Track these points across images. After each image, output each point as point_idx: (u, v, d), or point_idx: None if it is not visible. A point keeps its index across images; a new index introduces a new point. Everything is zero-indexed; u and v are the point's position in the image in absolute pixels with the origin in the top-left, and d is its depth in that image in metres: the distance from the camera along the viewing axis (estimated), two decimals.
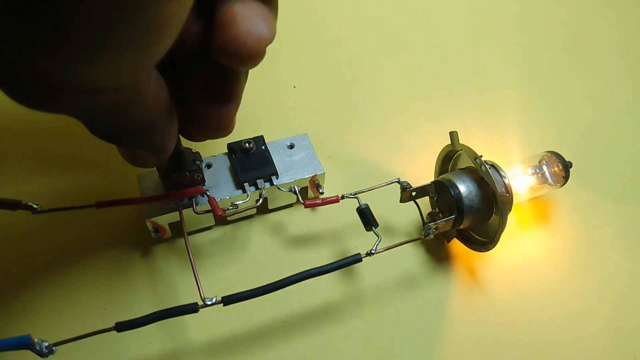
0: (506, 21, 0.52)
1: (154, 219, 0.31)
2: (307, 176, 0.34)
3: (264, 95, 0.43)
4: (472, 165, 0.32)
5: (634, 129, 0.44)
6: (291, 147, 0.36)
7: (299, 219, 0.36)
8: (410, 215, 0.37)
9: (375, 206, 0.32)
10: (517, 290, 0.35)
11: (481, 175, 0.31)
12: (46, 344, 0.22)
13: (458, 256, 0.35)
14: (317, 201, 0.32)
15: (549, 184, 0.36)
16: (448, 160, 0.35)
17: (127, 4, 0.13)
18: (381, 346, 0.32)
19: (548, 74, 0.48)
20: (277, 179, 0.34)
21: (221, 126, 0.23)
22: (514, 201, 0.33)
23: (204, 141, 0.26)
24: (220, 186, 0.33)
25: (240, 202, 0.31)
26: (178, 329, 0.31)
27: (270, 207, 0.36)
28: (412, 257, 0.35)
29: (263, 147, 0.34)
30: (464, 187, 0.32)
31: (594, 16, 0.53)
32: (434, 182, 0.33)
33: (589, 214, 0.39)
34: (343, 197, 0.32)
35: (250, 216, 0.36)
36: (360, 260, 0.29)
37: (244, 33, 0.19)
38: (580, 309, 0.34)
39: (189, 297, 0.32)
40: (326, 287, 0.33)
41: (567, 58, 0.49)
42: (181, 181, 0.31)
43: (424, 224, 0.32)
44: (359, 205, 0.31)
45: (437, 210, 0.33)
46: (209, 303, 0.25)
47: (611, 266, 0.36)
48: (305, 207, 0.32)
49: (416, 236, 0.34)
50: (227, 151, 0.34)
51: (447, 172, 0.35)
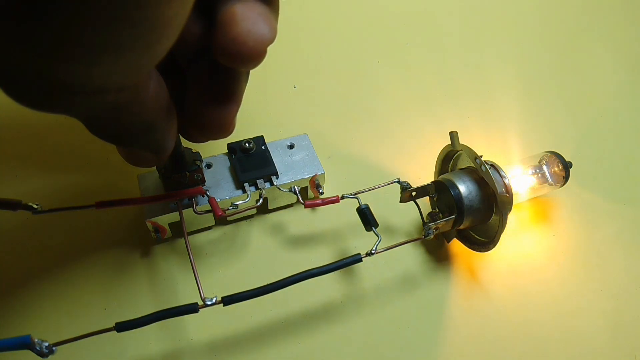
0: (506, 21, 0.52)
1: (154, 219, 0.31)
2: (307, 176, 0.34)
3: (264, 95, 0.43)
4: (472, 165, 0.32)
5: (634, 129, 0.44)
6: (291, 147, 0.36)
7: (299, 219, 0.36)
8: (410, 215, 0.37)
9: (375, 206, 0.32)
10: (517, 290, 0.35)
11: (481, 175, 0.31)
12: (46, 344, 0.22)
13: (458, 256, 0.35)
14: (317, 201, 0.32)
15: (549, 184, 0.36)
16: (448, 160, 0.35)
17: (128, 4, 0.13)
18: (381, 346, 0.32)
19: (548, 74, 0.48)
20: (277, 179, 0.34)
21: (222, 127, 0.23)
22: (514, 201, 0.33)
23: (204, 142, 0.26)
24: (220, 186, 0.33)
25: (240, 202, 0.31)
26: (178, 329, 0.31)
27: (270, 207, 0.36)
28: (412, 257, 0.35)
29: (263, 147, 0.34)
30: (464, 187, 0.32)
31: (594, 16, 0.53)
32: (434, 182, 0.33)
33: (589, 214, 0.39)
34: (343, 197, 0.32)
35: (250, 216, 0.36)
36: (360, 260, 0.29)
37: (245, 33, 0.19)
38: (580, 309, 0.34)
39: (189, 297, 0.32)
40: (326, 287, 0.33)
41: (567, 58, 0.49)
42: (181, 181, 0.31)
43: (424, 224, 0.32)
44: (359, 205, 0.31)
45: (437, 210, 0.33)
46: (209, 303, 0.25)
47: (611, 266, 0.36)
48: (305, 207, 0.32)
49: (416, 236, 0.34)
50: (227, 151, 0.34)
51: (447, 172, 0.35)
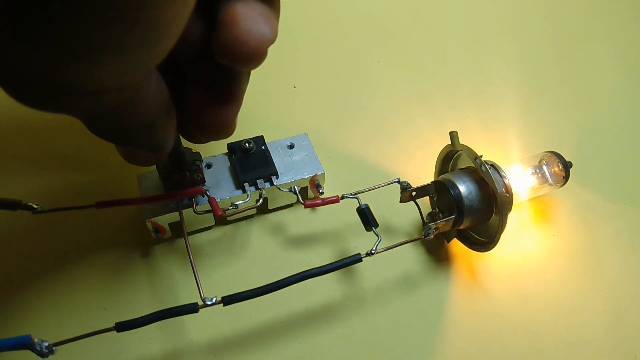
0: (506, 21, 0.52)
1: (154, 219, 0.31)
2: (307, 176, 0.34)
3: (264, 95, 0.43)
4: (472, 165, 0.32)
5: (634, 129, 0.44)
6: (291, 147, 0.36)
7: (299, 219, 0.36)
8: (410, 215, 0.37)
9: (375, 206, 0.32)
10: (517, 290, 0.35)
11: (481, 175, 0.31)
12: (46, 344, 0.22)
13: (458, 256, 0.35)
14: (317, 201, 0.32)
15: (549, 184, 0.36)
16: (448, 160, 0.35)
17: (131, 4, 0.13)
18: (381, 346, 0.32)
19: (548, 74, 0.48)
20: (277, 179, 0.34)
21: (223, 127, 0.23)
22: (514, 201, 0.33)
23: (206, 143, 0.26)
24: (220, 186, 0.33)
25: (240, 202, 0.31)
26: (178, 329, 0.31)
27: (270, 207, 0.36)
28: (412, 257, 0.35)
29: (263, 147, 0.34)
30: (464, 187, 0.32)
31: (594, 16, 0.53)
32: (434, 182, 0.33)
33: (589, 214, 0.39)
34: (343, 197, 0.32)
35: (250, 216, 0.36)
36: (360, 260, 0.29)
37: (246, 33, 0.19)
38: (581, 309, 0.34)
39: (189, 297, 0.31)
40: (326, 287, 0.33)
41: (567, 58, 0.49)
42: (181, 181, 0.31)
43: (424, 224, 0.32)
44: (359, 205, 0.31)
45: (437, 210, 0.33)
46: (209, 303, 0.25)
47: (611, 266, 0.36)
48: (305, 207, 0.32)
49: (416, 236, 0.34)
50: (227, 151, 0.34)
51: (447, 172, 0.35)
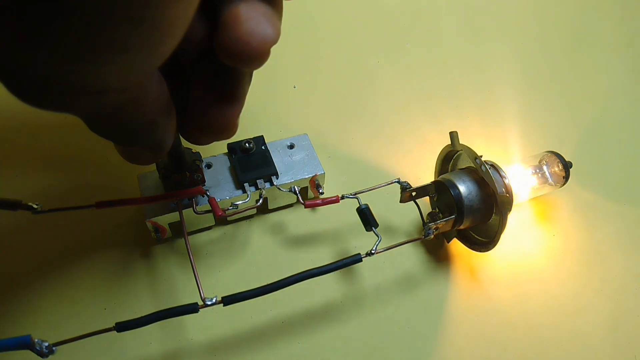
0: (506, 21, 0.52)
1: (154, 219, 0.31)
2: (307, 176, 0.34)
3: (264, 95, 0.43)
4: (472, 165, 0.32)
5: (634, 129, 0.44)
6: (291, 147, 0.36)
7: (299, 219, 0.36)
8: (410, 215, 0.37)
9: (375, 206, 0.32)
10: (517, 290, 0.35)
11: (481, 175, 0.31)
12: (46, 344, 0.22)
13: (458, 256, 0.35)
14: (317, 201, 0.32)
15: (549, 184, 0.36)
16: (448, 160, 0.35)
17: (135, 4, 0.13)
18: (381, 346, 0.32)
19: (548, 74, 0.48)
20: (277, 179, 0.34)
21: (225, 127, 0.23)
22: (514, 201, 0.33)
23: (207, 144, 0.26)
24: (220, 186, 0.33)
25: (240, 202, 0.31)
26: (178, 329, 0.31)
27: (270, 207, 0.36)
28: (412, 257, 0.35)
29: (263, 147, 0.34)
30: (464, 187, 0.32)
31: (594, 16, 0.53)
32: (434, 182, 0.33)
33: (589, 214, 0.39)
34: (343, 197, 0.32)
35: (250, 216, 0.36)
36: (360, 260, 0.29)
37: (248, 33, 0.19)
38: (581, 309, 0.34)
39: (189, 297, 0.31)
40: (326, 287, 0.33)
41: (567, 58, 0.49)
42: (181, 181, 0.31)
43: (424, 224, 0.32)
44: (359, 205, 0.31)
45: (437, 210, 0.33)
46: (209, 303, 0.25)
47: (611, 266, 0.36)
48: (305, 207, 0.32)
49: (416, 236, 0.34)
50: (227, 151, 0.34)
51: (447, 172, 0.35)
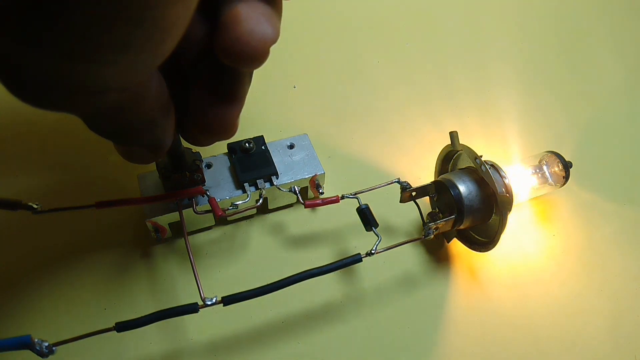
0: (506, 21, 0.52)
1: (154, 219, 0.31)
2: (307, 176, 0.34)
3: (264, 95, 0.43)
4: (472, 165, 0.32)
5: (634, 129, 0.44)
6: (291, 147, 0.36)
7: (299, 219, 0.36)
8: (410, 215, 0.37)
9: (375, 206, 0.32)
10: (517, 290, 0.35)
11: (481, 175, 0.31)
12: (46, 344, 0.22)
13: (458, 256, 0.35)
14: (317, 201, 0.32)
15: (549, 184, 0.36)
16: (448, 160, 0.35)
17: (134, 5, 0.13)
18: (381, 346, 0.32)
19: (548, 74, 0.48)
20: (277, 179, 0.34)
21: (225, 128, 0.23)
22: (514, 201, 0.33)
23: (208, 145, 0.26)
24: (220, 186, 0.33)
25: (240, 202, 0.31)
26: (178, 329, 0.31)
27: (270, 207, 0.36)
28: (412, 257, 0.35)
29: (263, 147, 0.34)
30: (464, 187, 0.32)
31: (594, 16, 0.53)
32: (434, 182, 0.33)
33: (589, 214, 0.39)
34: (343, 197, 0.32)
35: (250, 216, 0.36)
36: (360, 260, 0.29)
37: (248, 33, 0.19)
38: (580, 309, 0.34)
39: (189, 297, 0.31)
40: (326, 287, 0.33)
41: (567, 58, 0.49)
42: (181, 181, 0.31)
43: (424, 224, 0.32)
44: (359, 205, 0.31)
45: (437, 210, 0.33)
46: (209, 303, 0.25)
47: (611, 266, 0.36)
48: (305, 207, 0.32)
49: (416, 236, 0.34)
50: (227, 151, 0.34)
51: (447, 172, 0.35)
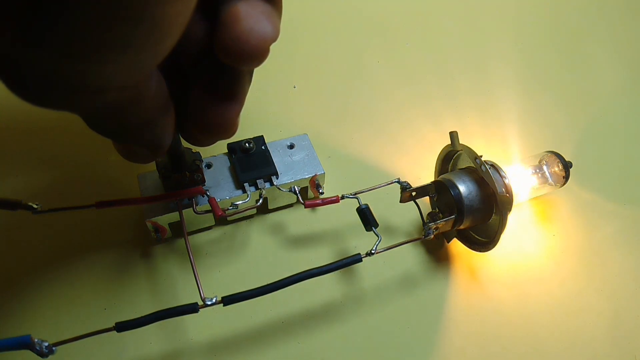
0: (506, 21, 0.52)
1: (154, 219, 0.31)
2: (307, 176, 0.34)
3: (264, 95, 0.43)
4: (472, 165, 0.32)
5: (634, 129, 0.44)
6: (291, 147, 0.36)
7: (299, 219, 0.36)
8: (410, 215, 0.37)
9: (375, 206, 0.32)
10: (516, 290, 0.35)
11: (481, 175, 0.31)
12: (46, 344, 0.22)
13: (458, 256, 0.35)
14: (317, 201, 0.32)
15: (549, 184, 0.36)
16: (448, 160, 0.35)
17: (133, 3, 0.13)
18: (381, 346, 0.32)
19: (548, 74, 0.48)
20: (277, 179, 0.34)
21: (225, 127, 0.23)
22: (514, 201, 0.33)
23: (208, 145, 0.26)
24: (220, 186, 0.33)
25: (240, 202, 0.31)
26: (178, 329, 0.31)
27: (270, 207, 0.36)
28: (412, 257, 0.35)
29: (263, 147, 0.34)
30: (464, 187, 0.32)
31: (594, 16, 0.53)
32: (434, 182, 0.33)
33: (589, 214, 0.39)
34: (343, 197, 0.32)
35: (250, 216, 0.36)
36: (360, 260, 0.29)
37: (248, 31, 0.19)
38: (580, 309, 0.34)
39: (189, 297, 0.31)
40: (326, 287, 0.33)
41: (567, 58, 0.49)
42: (181, 181, 0.31)
43: (424, 224, 0.32)
44: (359, 205, 0.31)
45: (437, 210, 0.33)
46: (209, 303, 0.25)
47: (611, 266, 0.36)
48: (305, 207, 0.32)
49: (416, 236, 0.34)
50: (227, 151, 0.34)
51: (447, 172, 0.35)
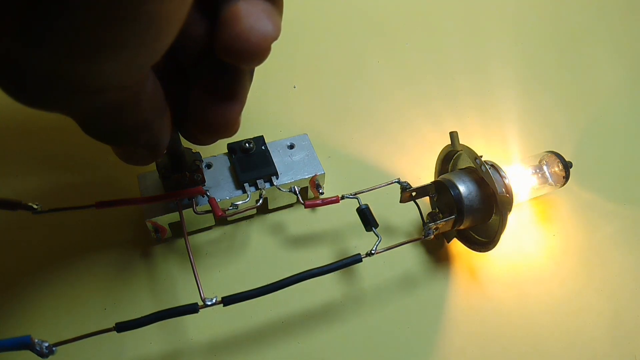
0: (506, 21, 0.52)
1: (154, 219, 0.31)
2: (307, 176, 0.34)
3: (264, 95, 0.42)
4: (472, 165, 0.32)
5: (634, 129, 0.44)
6: (291, 147, 0.36)
7: (299, 219, 0.36)
8: (410, 215, 0.37)
9: (375, 206, 0.32)
10: (517, 290, 0.35)
11: (481, 175, 0.31)
12: (46, 344, 0.22)
13: (458, 256, 0.35)
14: (317, 201, 0.32)
15: (549, 184, 0.36)
16: (448, 160, 0.35)
17: (132, 1, 0.13)
18: (381, 346, 0.32)
19: (548, 74, 0.48)
20: (277, 179, 0.34)
21: (226, 126, 0.23)
22: (514, 201, 0.33)
23: (209, 144, 0.25)
24: (220, 186, 0.33)
25: (240, 202, 0.31)
26: (178, 329, 0.31)
27: (270, 207, 0.36)
28: (412, 257, 0.35)
29: (263, 147, 0.34)
30: (464, 187, 0.32)
31: (594, 16, 0.53)
32: (434, 182, 0.33)
33: (589, 214, 0.39)
34: (343, 197, 0.32)
35: (250, 216, 0.36)
36: (360, 260, 0.29)
37: (248, 29, 0.19)
38: (580, 309, 0.34)
39: (189, 297, 0.32)
40: (326, 287, 0.33)
41: (567, 58, 0.49)
42: (181, 181, 0.31)
43: (424, 224, 0.32)
44: (359, 206, 0.31)
45: (437, 210, 0.33)
46: (209, 303, 0.25)
47: (611, 266, 0.36)
48: (305, 207, 0.32)
49: (416, 236, 0.34)
50: (227, 151, 0.34)
51: (447, 172, 0.35)
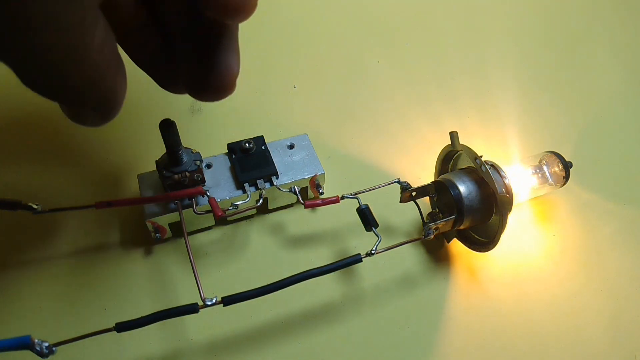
0: (506, 21, 0.52)
1: (154, 219, 0.31)
2: (307, 176, 0.34)
3: (264, 95, 0.42)
4: (472, 165, 0.32)
5: (634, 129, 0.44)
6: (291, 147, 0.36)
7: (299, 219, 0.36)
8: (410, 215, 0.37)
9: (375, 206, 0.32)
10: (516, 290, 0.35)
11: (481, 175, 0.31)
12: (46, 344, 0.22)
13: (458, 256, 0.35)
14: (317, 201, 0.32)
15: (549, 184, 0.36)
16: (448, 160, 0.35)
17: None
18: (381, 346, 0.32)
19: (548, 74, 0.48)
20: (277, 179, 0.34)
21: (225, 86, 0.22)
22: (514, 201, 0.33)
23: (210, 101, 0.24)
24: (220, 186, 0.33)
25: (240, 202, 0.31)
26: (178, 329, 0.31)
27: (270, 207, 0.36)
28: (412, 257, 0.35)
29: (263, 147, 0.34)
30: (464, 187, 0.32)
31: (594, 16, 0.53)
32: (434, 182, 0.33)
33: (589, 214, 0.39)
34: (343, 197, 0.32)
35: (250, 216, 0.36)
36: (360, 260, 0.29)
37: None
38: (580, 308, 0.34)
39: (189, 297, 0.32)
40: (326, 287, 0.33)
41: (567, 58, 0.49)
42: (181, 181, 0.31)
43: (424, 224, 0.32)
44: (359, 205, 0.31)
45: (437, 210, 0.33)
46: (209, 303, 0.25)
47: (610, 266, 0.36)
48: (305, 207, 0.32)
49: (416, 236, 0.34)
50: (227, 151, 0.34)
51: (447, 172, 0.35)
